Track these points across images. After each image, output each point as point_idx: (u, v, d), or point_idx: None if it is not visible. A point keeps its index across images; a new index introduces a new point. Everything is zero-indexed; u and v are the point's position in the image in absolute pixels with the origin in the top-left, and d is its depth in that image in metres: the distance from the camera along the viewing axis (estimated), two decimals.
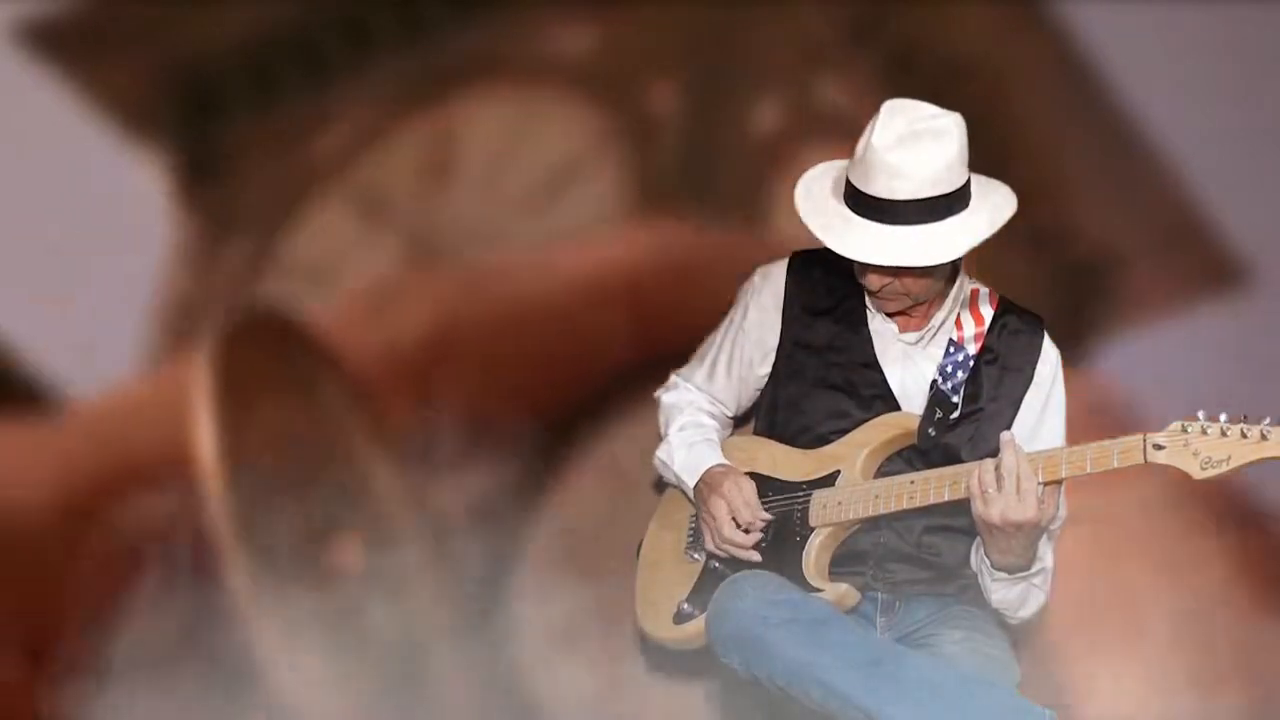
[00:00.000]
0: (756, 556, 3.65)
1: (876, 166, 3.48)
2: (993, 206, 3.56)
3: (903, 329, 3.69)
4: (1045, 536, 3.57)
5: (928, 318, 3.68)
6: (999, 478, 3.40)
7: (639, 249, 4.38)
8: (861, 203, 3.50)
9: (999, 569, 3.55)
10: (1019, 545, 3.47)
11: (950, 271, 3.65)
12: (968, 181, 3.53)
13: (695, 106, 4.55)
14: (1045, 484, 3.40)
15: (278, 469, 4.33)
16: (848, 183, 3.54)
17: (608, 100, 4.52)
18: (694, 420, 3.85)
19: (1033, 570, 3.56)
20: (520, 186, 4.52)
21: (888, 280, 3.56)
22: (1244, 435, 3.25)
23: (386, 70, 4.41)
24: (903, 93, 3.58)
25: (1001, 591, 3.59)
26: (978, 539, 3.55)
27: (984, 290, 3.74)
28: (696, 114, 4.55)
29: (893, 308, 3.65)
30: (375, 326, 4.39)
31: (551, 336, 4.39)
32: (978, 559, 3.60)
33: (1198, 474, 3.29)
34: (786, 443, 3.73)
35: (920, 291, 3.60)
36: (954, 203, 3.51)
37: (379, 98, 4.43)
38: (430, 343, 4.39)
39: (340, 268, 4.42)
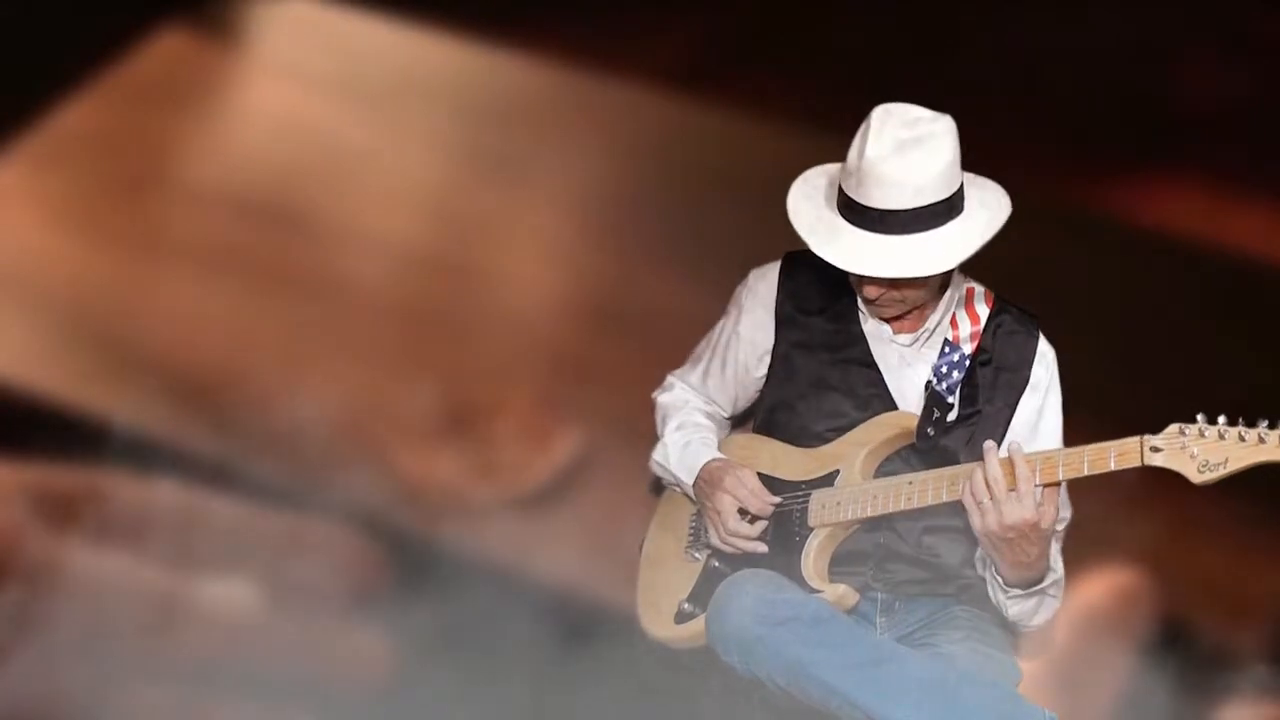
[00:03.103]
0: (763, 548, 3.65)
1: (871, 176, 3.47)
2: (987, 210, 3.55)
3: (897, 331, 3.69)
4: (1053, 540, 3.57)
5: (922, 320, 3.68)
6: (989, 487, 3.40)
7: None
8: (856, 212, 3.50)
9: (1012, 585, 3.55)
10: (1030, 554, 3.45)
11: (945, 275, 3.63)
12: (961, 185, 3.53)
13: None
14: (1043, 486, 3.40)
15: None
16: (840, 191, 3.54)
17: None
18: (690, 420, 3.85)
19: (1046, 582, 3.55)
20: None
21: (884, 289, 3.56)
22: (1242, 438, 3.23)
23: None
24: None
25: (1017, 606, 3.58)
26: (984, 554, 3.56)
27: (979, 289, 3.73)
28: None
29: (889, 314, 3.64)
30: None
31: None
32: (989, 575, 3.58)
33: (1195, 478, 3.27)
34: (787, 442, 3.73)
35: (916, 298, 3.60)
36: (950, 209, 3.51)
37: None
38: None
39: None
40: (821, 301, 3.75)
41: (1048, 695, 3.77)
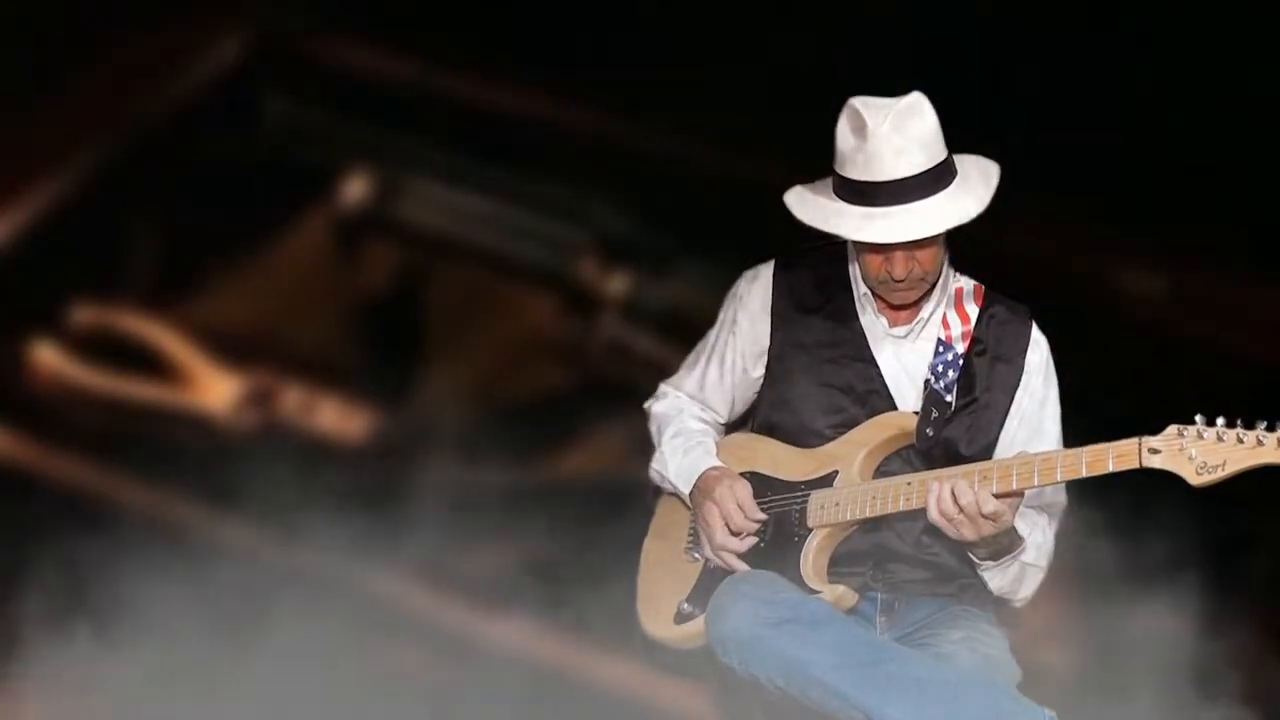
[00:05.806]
0: (745, 567, 3.66)
1: (881, 151, 3.52)
2: (976, 167, 3.62)
3: (892, 323, 3.71)
4: (1048, 520, 3.66)
5: (917, 310, 3.70)
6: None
7: None
8: (873, 193, 3.54)
9: (984, 558, 3.60)
10: (987, 536, 3.52)
11: (945, 252, 3.67)
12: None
13: None
14: (1040, 486, 3.45)
15: None
16: (846, 182, 3.57)
17: None
18: (686, 427, 3.85)
19: (1017, 551, 3.60)
20: None
21: (912, 265, 3.59)
22: (1240, 440, 3.24)
23: None
24: None
25: (997, 578, 3.63)
26: None
27: (968, 286, 3.75)
28: None
29: (912, 296, 3.66)
30: None
31: None
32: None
33: (1194, 480, 3.28)
34: (787, 442, 3.74)
35: (934, 270, 3.62)
36: (950, 167, 3.57)
37: None
38: None
39: None
40: (818, 299, 3.76)
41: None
